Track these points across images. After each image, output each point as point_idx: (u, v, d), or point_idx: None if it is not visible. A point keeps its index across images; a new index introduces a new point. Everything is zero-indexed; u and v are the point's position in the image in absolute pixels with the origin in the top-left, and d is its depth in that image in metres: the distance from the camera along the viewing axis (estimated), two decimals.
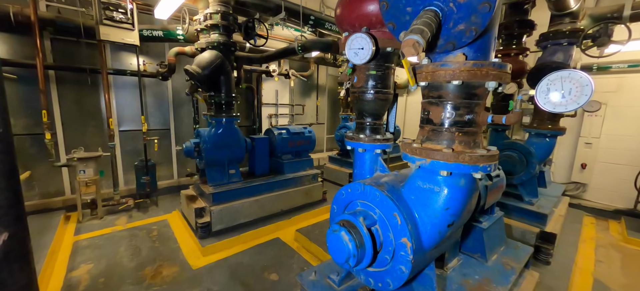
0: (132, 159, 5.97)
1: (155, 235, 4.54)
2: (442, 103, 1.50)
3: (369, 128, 2.11)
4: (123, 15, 4.52)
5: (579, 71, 1.19)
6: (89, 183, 4.76)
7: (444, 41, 1.34)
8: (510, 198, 4.32)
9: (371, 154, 2.10)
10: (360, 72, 1.98)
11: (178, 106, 6.67)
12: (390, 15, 1.43)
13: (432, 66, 1.45)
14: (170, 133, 6.65)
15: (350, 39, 1.74)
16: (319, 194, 5.82)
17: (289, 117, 8.85)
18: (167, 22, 5.46)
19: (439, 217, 1.54)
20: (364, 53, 1.71)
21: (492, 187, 2.62)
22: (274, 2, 4.62)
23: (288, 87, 8.61)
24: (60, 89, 5.23)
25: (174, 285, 3.41)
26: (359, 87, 2.00)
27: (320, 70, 9.30)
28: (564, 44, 3.67)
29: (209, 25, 4.19)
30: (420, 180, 1.61)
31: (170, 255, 4.00)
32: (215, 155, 4.50)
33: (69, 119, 5.39)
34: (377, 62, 1.91)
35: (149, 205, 5.65)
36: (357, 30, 1.88)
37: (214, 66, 4.08)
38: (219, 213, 4.35)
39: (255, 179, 5.05)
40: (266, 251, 4.18)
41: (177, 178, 6.88)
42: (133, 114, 6.03)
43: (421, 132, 1.64)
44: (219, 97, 4.35)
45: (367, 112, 2.08)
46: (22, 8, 4.23)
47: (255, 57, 6.33)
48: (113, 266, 3.70)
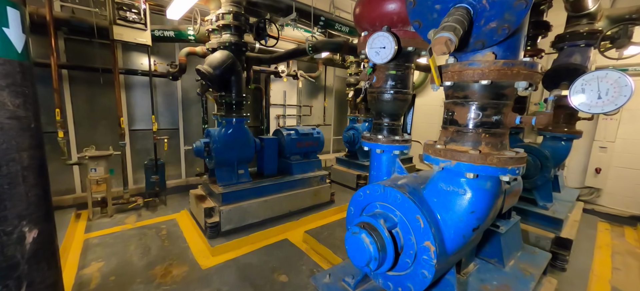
0: (141, 158, 6.02)
1: (164, 234, 4.55)
2: (468, 103, 1.46)
3: (387, 129, 2.07)
4: (136, 16, 4.56)
5: (617, 71, 1.15)
6: (100, 181, 4.80)
7: (473, 39, 1.30)
8: (525, 203, 4.24)
9: (389, 155, 2.06)
10: (380, 72, 1.95)
11: (187, 106, 6.71)
12: (416, 13, 1.39)
13: (459, 65, 1.41)
14: (179, 132, 6.69)
15: (372, 38, 1.71)
16: (327, 195, 5.79)
17: (296, 118, 8.84)
18: (179, 22, 5.50)
19: (463, 220, 1.49)
20: (385, 52, 1.68)
21: (510, 190, 2.55)
22: (285, 2, 4.62)
23: (296, 88, 8.61)
24: (73, 88, 5.30)
25: (184, 284, 3.40)
26: (378, 87, 1.97)
27: (328, 71, 9.29)
28: (581, 46, 3.59)
29: (220, 26, 4.20)
30: (443, 182, 1.57)
31: (180, 255, 3.99)
32: (225, 155, 4.50)
33: (81, 118, 5.45)
34: (397, 61, 1.88)
35: (157, 204, 5.67)
36: (377, 29, 1.84)
37: (226, 66, 4.08)
38: (228, 213, 4.34)
39: (264, 180, 5.04)
40: (275, 253, 4.15)
41: (185, 177, 6.91)
42: (143, 114, 6.08)
43: (444, 133, 1.60)
44: (230, 97, 4.35)
45: (385, 112, 2.04)
46: (37, 8, 4.29)
47: (264, 57, 6.33)
48: (123, 265, 3.71)
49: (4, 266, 0.73)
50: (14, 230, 0.75)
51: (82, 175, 5.50)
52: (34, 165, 0.82)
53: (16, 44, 0.74)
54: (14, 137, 0.74)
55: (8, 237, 0.74)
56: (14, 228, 0.75)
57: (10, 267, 0.74)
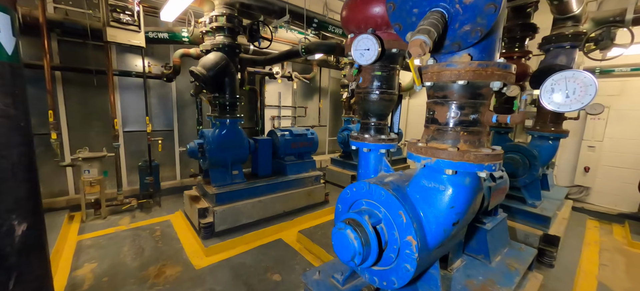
0: (136, 160, 6.02)
1: (158, 235, 4.56)
2: (448, 103, 1.52)
3: (374, 128, 2.13)
4: (130, 17, 4.58)
5: (583, 71, 1.21)
6: (93, 183, 4.80)
7: (449, 42, 1.36)
8: (514, 201, 4.32)
9: (376, 154, 2.12)
10: (366, 73, 2.00)
11: (182, 107, 6.72)
12: (396, 17, 1.45)
13: (437, 66, 1.47)
14: (173, 134, 6.70)
15: (357, 40, 1.76)
16: (321, 196, 5.83)
17: (291, 119, 8.89)
18: (173, 24, 5.52)
19: (444, 215, 1.55)
20: (370, 54, 1.74)
21: (496, 188, 2.62)
22: (278, 5, 4.67)
23: (291, 89, 8.66)
24: (66, 90, 5.29)
25: (177, 284, 3.42)
26: (365, 87, 2.02)
27: (322, 73, 9.35)
28: (566, 47, 3.69)
29: (214, 28, 4.24)
30: (425, 179, 1.63)
31: (174, 255, 4.01)
32: (219, 155, 4.53)
33: (74, 120, 5.45)
34: (382, 63, 1.94)
35: (152, 206, 5.67)
36: (363, 31, 1.90)
37: (219, 68, 4.12)
38: (222, 213, 4.37)
39: (258, 180, 5.08)
40: (269, 252, 4.19)
41: (180, 178, 6.92)
42: (137, 115, 6.09)
43: (426, 131, 1.66)
44: (224, 98, 4.39)
45: (372, 112, 2.10)
46: (30, 10, 4.30)
47: (259, 59, 6.38)
48: (117, 266, 3.71)
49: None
50: (3, 223, 0.79)
51: (75, 177, 5.49)
52: (23, 162, 0.85)
53: (6, 47, 0.78)
54: (3, 134, 0.78)
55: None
56: (3, 222, 0.79)
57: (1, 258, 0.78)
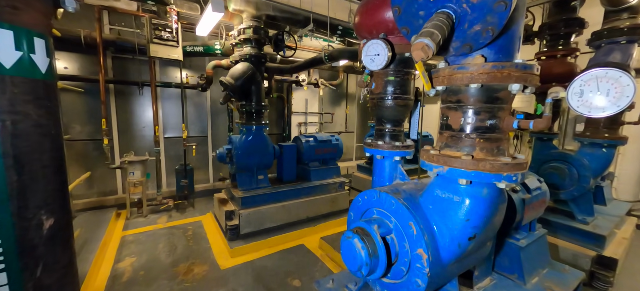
0: (173, 163, 6.52)
1: (190, 235, 4.87)
2: (461, 108, 1.43)
3: (388, 134, 2.07)
4: (169, 34, 5.03)
5: (617, 70, 1.07)
6: (137, 184, 5.30)
7: (460, 43, 1.29)
8: (559, 215, 3.87)
9: (390, 161, 2.05)
10: (378, 78, 1.96)
11: (215, 115, 7.16)
12: (403, 21, 1.41)
13: (448, 69, 1.39)
14: (207, 140, 7.15)
15: (366, 46, 1.75)
16: (345, 203, 5.77)
17: (318, 125, 8.97)
18: (207, 38, 5.95)
19: (458, 228, 1.45)
20: (379, 59, 1.70)
21: (532, 200, 2.38)
22: (303, 14, 4.79)
23: (317, 96, 8.77)
24: (117, 100, 5.95)
25: (203, 282, 3.60)
26: (377, 93, 1.98)
27: (349, 79, 9.33)
28: (621, 43, 3.25)
29: (242, 39, 4.49)
30: (438, 189, 1.54)
31: (202, 254, 4.24)
32: (245, 160, 4.73)
33: (123, 127, 6.09)
34: (395, 67, 1.89)
35: (186, 207, 6.08)
36: (375, 37, 1.88)
37: (246, 77, 4.33)
38: (247, 216, 4.53)
39: (283, 185, 5.19)
40: (290, 257, 4.23)
41: (212, 182, 7.33)
42: (175, 122, 6.62)
43: (440, 138, 1.57)
44: (250, 106, 4.59)
45: (385, 118, 2.04)
46: (90, 32, 4.94)
47: (285, 67, 6.58)
48: (152, 261, 4.03)
49: (24, 247, 0.89)
50: (33, 217, 0.91)
51: (122, 178, 6.10)
52: (53, 165, 0.98)
53: (41, 66, 0.91)
54: (36, 140, 0.91)
55: (28, 223, 0.90)
56: (33, 216, 0.91)
57: (30, 248, 0.90)
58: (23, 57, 0.85)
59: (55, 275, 0.99)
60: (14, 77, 0.84)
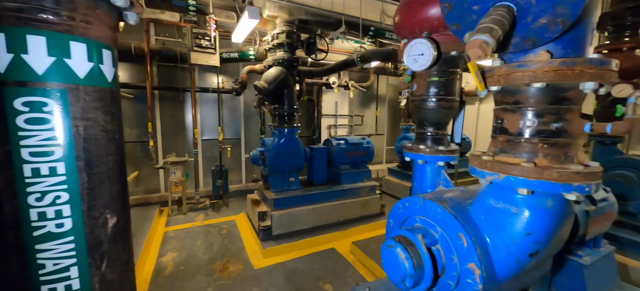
0: (210, 164, 6.86)
1: (225, 233, 5.06)
2: (520, 109, 1.30)
3: (431, 138, 1.95)
4: (208, 42, 5.31)
5: None
6: (178, 183, 5.64)
7: (520, 38, 1.17)
8: (628, 230, 3.40)
9: (433, 167, 1.93)
10: (421, 79, 1.87)
11: (248, 118, 7.42)
12: (453, 17, 1.32)
13: (505, 68, 1.27)
14: (240, 142, 7.42)
15: (409, 46, 1.66)
16: (376, 207, 5.63)
17: (348, 128, 8.90)
18: (242, 44, 6.19)
19: (517, 243, 1.31)
20: (424, 59, 1.62)
21: (597, 213, 2.10)
22: (335, 16, 4.79)
23: (347, 98, 8.70)
24: (161, 105, 6.41)
25: (237, 281, 3.71)
26: (419, 95, 1.88)
27: (380, 80, 9.14)
28: None
29: (275, 44, 4.59)
30: (492, 198, 1.41)
31: (236, 253, 4.38)
32: (278, 163, 4.82)
33: (165, 130, 6.54)
34: (440, 67, 1.78)
35: (221, 206, 6.35)
36: (417, 36, 1.79)
37: (279, 81, 4.42)
38: (279, 218, 4.60)
39: (313, 188, 5.19)
40: (321, 261, 4.21)
41: (245, 183, 7.58)
42: (212, 125, 6.96)
43: (493, 142, 1.44)
44: (282, 109, 4.68)
45: (428, 121, 1.93)
46: (139, 42, 5.38)
47: (316, 70, 6.62)
48: (191, 257, 4.25)
49: (93, 243, 0.96)
50: (100, 216, 0.98)
51: (165, 178, 6.54)
52: (116, 167, 1.04)
53: (108, 76, 0.98)
54: (103, 145, 0.98)
55: (96, 221, 0.97)
56: (100, 215, 0.98)
57: (96, 244, 0.97)
58: (94, 68, 0.92)
59: (117, 270, 1.05)
60: (86, 87, 0.90)
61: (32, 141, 0.85)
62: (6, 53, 0.80)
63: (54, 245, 0.90)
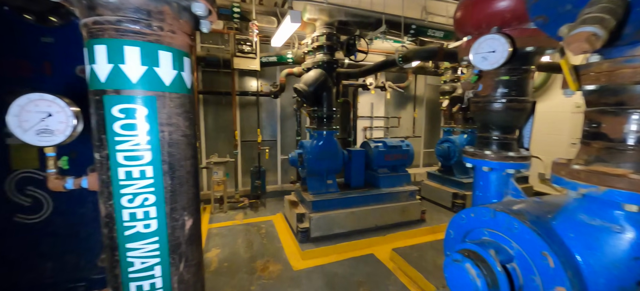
0: (248, 165, 7.10)
1: (263, 233, 5.19)
2: (625, 112, 1.11)
3: (497, 143, 1.77)
4: (249, 47, 5.51)
5: None
6: (219, 182, 5.91)
7: (633, 29, 0.99)
8: None
9: (499, 174, 1.75)
10: (488, 79, 1.70)
11: (284, 120, 7.56)
12: (540, 8, 1.17)
13: (607, 64, 1.10)
14: (277, 144, 7.59)
15: (478, 42, 1.53)
16: (416, 213, 5.38)
17: (383, 130, 8.67)
18: (280, 48, 6.32)
19: (621, 268, 1.12)
20: (496, 56, 1.47)
21: None
22: (375, 16, 4.68)
23: (383, 99, 8.47)
24: (205, 109, 6.79)
25: (278, 281, 3.76)
26: (485, 95, 1.72)
27: (418, 80, 8.78)
28: None
29: (315, 47, 4.61)
30: (584, 214, 1.22)
31: (276, 253, 4.46)
32: (316, 165, 4.82)
33: (209, 132, 6.91)
34: (511, 65, 1.61)
35: (258, 206, 6.53)
36: (483, 31, 1.64)
37: (318, 83, 4.42)
38: (317, 220, 4.59)
39: (351, 191, 5.11)
40: (361, 266, 4.11)
41: (280, 184, 7.73)
42: (250, 127, 7.20)
43: (585, 149, 1.26)
44: (321, 112, 4.67)
45: (494, 124, 1.76)
46: None
47: (353, 72, 6.54)
48: (233, 255, 4.41)
49: (174, 244, 0.99)
50: (180, 218, 1.01)
51: (208, 177, 6.91)
52: (192, 171, 1.08)
53: (187, 83, 1.01)
54: (183, 149, 1.01)
55: (176, 223, 1.01)
56: (180, 217, 1.01)
57: (176, 245, 1.00)
58: (177, 75, 0.95)
59: (191, 270, 1.09)
60: (171, 93, 0.93)
61: (126, 145, 0.90)
62: (107, 63, 0.86)
63: (141, 244, 0.95)
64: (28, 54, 1.70)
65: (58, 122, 0.93)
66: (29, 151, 1.80)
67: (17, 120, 0.91)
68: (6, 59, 1.68)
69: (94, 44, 0.86)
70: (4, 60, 1.69)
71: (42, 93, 0.91)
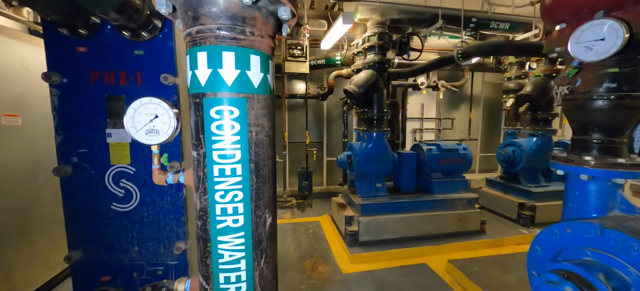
0: (295, 166, 7.29)
1: (311, 233, 5.25)
2: None
3: (600, 147, 1.50)
4: (300, 51, 5.66)
5: None
6: None
7: None
8: None
9: (603, 185, 1.48)
10: (589, 72, 1.45)
11: (330, 122, 7.60)
12: None
13: None
14: (323, 145, 7.66)
15: (580, 30, 1.31)
16: (475, 223, 4.92)
17: (434, 132, 8.16)
18: (328, 51, 6.38)
19: None
20: (606, 45, 1.24)
21: None
22: (430, 12, 4.42)
23: (435, 100, 7.98)
24: None
25: (327, 283, 3.76)
26: (585, 92, 1.47)
27: (475, 78, 8.07)
28: None
29: (366, 48, 4.53)
30: None
31: (324, 255, 4.47)
32: (365, 167, 4.72)
33: None
34: (624, 55, 1.35)
35: (305, 206, 6.65)
36: (583, 17, 1.40)
37: (369, 84, 4.33)
38: (366, 224, 4.49)
39: (401, 196, 4.90)
40: (413, 276, 3.89)
41: (326, 185, 7.78)
42: (297, 129, 7.39)
43: None
44: (372, 113, 4.57)
45: (596, 125, 1.49)
46: None
47: (403, 71, 6.29)
48: (283, 253, 4.53)
49: (257, 240, 1.03)
50: (262, 215, 1.05)
51: None
52: (272, 170, 1.12)
53: (271, 84, 1.05)
54: (266, 149, 1.05)
55: (259, 220, 1.04)
56: (262, 214, 1.05)
57: (259, 241, 1.04)
58: (263, 77, 0.98)
59: (270, 266, 1.12)
60: (258, 95, 0.97)
61: (220, 145, 0.96)
62: (207, 68, 0.92)
63: (230, 237, 1.00)
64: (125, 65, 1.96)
65: (162, 123, 1.05)
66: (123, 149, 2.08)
67: (131, 121, 1.04)
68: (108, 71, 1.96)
69: (196, 51, 0.93)
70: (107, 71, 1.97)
71: (151, 97, 1.03)
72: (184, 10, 0.93)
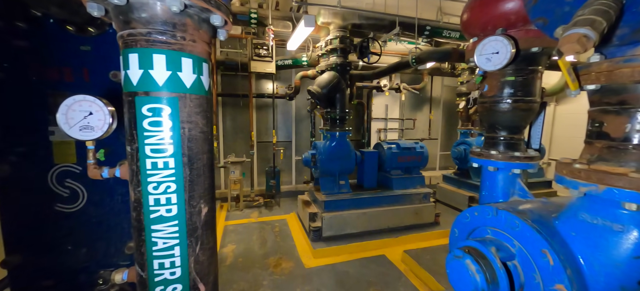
0: (263, 165, 7.30)
1: (277, 231, 5.33)
2: (627, 111, 1.12)
3: (504, 143, 1.78)
4: (266, 51, 5.70)
5: None
6: (236, 181, 6.14)
7: (629, 30, 1.01)
8: None
9: (506, 174, 1.76)
10: (493, 79, 1.72)
11: (299, 122, 7.71)
12: (539, 10, 1.20)
13: (607, 63, 1.11)
14: (291, 145, 7.75)
15: (482, 44, 1.56)
16: (430, 216, 5.32)
17: (398, 132, 8.61)
18: (295, 51, 6.49)
19: (622, 267, 1.12)
20: (499, 58, 1.49)
21: None
22: (388, 19, 4.71)
23: (398, 101, 8.43)
24: (223, 110, 7.07)
25: (290, 278, 3.87)
26: (491, 96, 1.74)
27: (434, 82, 8.65)
28: None
29: (328, 50, 4.71)
30: (586, 213, 1.23)
31: (288, 251, 4.58)
32: (329, 165, 4.91)
33: (226, 132, 7.19)
34: (516, 66, 1.62)
35: (273, 205, 6.70)
36: (489, 33, 1.66)
37: (332, 85, 4.52)
38: (330, 220, 4.67)
39: (363, 192, 5.15)
40: (372, 267, 4.14)
41: (294, 184, 7.88)
42: (266, 129, 7.41)
43: (589, 149, 1.26)
44: (334, 113, 4.76)
45: (500, 124, 1.77)
46: None
47: (367, 73, 6.58)
48: (248, 251, 4.57)
49: (191, 228, 1.13)
50: (197, 205, 1.14)
51: (225, 176, 7.18)
52: (208, 163, 1.21)
53: (205, 85, 1.14)
54: (200, 144, 1.14)
55: (194, 209, 1.14)
56: (197, 204, 1.14)
57: (193, 229, 1.13)
58: (196, 79, 1.08)
59: (206, 253, 1.21)
60: (191, 95, 1.07)
61: (153, 140, 1.04)
62: (138, 69, 1.00)
63: (164, 226, 1.08)
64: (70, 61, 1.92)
65: (97, 119, 1.09)
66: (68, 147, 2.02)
67: (64, 117, 1.07)
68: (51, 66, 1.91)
69: (128, 53, 1.00)
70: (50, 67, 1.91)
71: (85, 95, 1.07)
72: (115, 14, 1.00)
